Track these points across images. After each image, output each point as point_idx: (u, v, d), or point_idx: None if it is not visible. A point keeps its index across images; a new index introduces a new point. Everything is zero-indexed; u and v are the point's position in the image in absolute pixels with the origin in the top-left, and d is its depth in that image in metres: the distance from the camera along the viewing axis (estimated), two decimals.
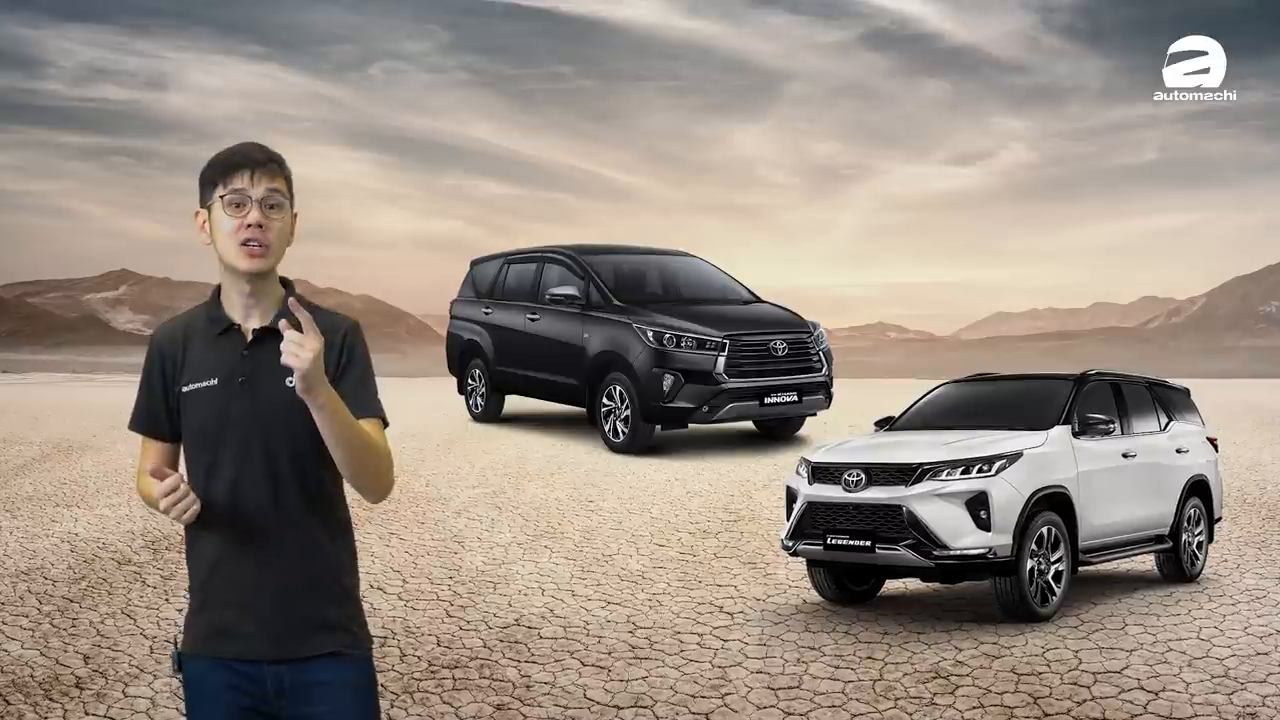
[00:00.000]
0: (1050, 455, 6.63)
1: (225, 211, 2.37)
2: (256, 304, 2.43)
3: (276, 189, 2.38)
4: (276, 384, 2.37)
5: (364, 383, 2.42)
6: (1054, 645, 5.82)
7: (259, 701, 2.40)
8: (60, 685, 5.22)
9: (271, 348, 2.36)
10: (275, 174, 2.39)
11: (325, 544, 2.43)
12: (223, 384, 2.39)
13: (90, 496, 9.65)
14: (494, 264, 14.07)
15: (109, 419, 15.15)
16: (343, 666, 2.42)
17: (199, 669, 2.41)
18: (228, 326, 2.43)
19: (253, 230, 2.36)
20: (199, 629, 2.42)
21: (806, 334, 12.01)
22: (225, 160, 2.39)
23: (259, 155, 2.39)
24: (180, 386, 2.42)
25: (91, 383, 30.17)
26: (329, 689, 2.40)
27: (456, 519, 8.81)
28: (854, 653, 5.76)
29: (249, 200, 2.36)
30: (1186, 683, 5.21)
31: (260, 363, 2.39)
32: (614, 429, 11.80)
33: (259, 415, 2.37)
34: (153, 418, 2.46)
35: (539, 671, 5.46)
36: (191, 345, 2.44)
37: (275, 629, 2.38)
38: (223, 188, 2.37)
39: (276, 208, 2.39)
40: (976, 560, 6.23)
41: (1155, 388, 8.06)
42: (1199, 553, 7.67)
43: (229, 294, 2.44)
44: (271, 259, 2.39)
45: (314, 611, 2.41)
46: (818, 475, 6.67)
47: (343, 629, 2.44)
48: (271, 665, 2.39)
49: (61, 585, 6.90)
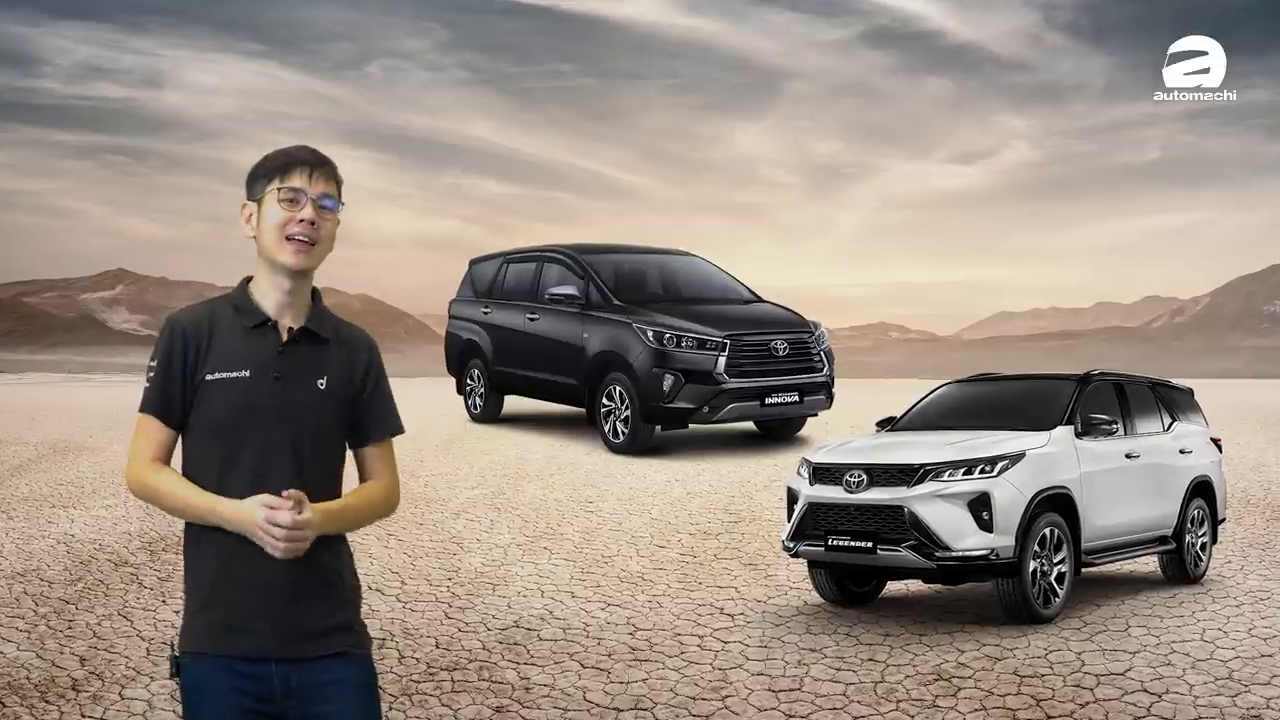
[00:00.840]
0: (1053, 456, 6.63)
1: (279, 206, 2.43)
2: (292, 303, 2.48)
3: (330, 192, 2.47)
4: (308, 384, 2.45)
5: (388, 401, 2.58)
6: (1057, 647, 5.82)
7: (264, 702, 2.39)
8: (56, 688, 5.22)
9: (306, 347, 2.47)
10: (330, 178, 2.48)
11: (335, 541, 2.48)
12: (255, 377, 2.41)
13: (87, 497, 9.65)
14: (493, 263, 14.07)
15: (106, 419, 15.16)
16: (350, 665, 2.46)
17: (199, 672, 2.39)
18: (263, 321, 2.46)
19: (304, 226, 2.43)
20: (202, 627, 2.40)
21: (808, 334, 12.01)
22: (285, 156, 2.46)
23: (318, 158, 2.48)
24: (204, 374, 2.42)
25: (88, 383, 30.18)
26: (340, 688, 2.43)
27: (455, 520, 8.81)
28: (855, 655, 5.76)
29: (305, 198, 2.43)
30: (1190, 685, 5.21)
31: (296, 361, 2.45)
32: (614, 429, 11.80)
33: (289, 411, 2.42)
34: (168, 401, 2.43)
35: (538, 674, 5.46)
36: (218, 335, 2.45)
37: (287, 627, 2.40)
38: (279, 182, 2.43)
39: (329, 210, 2.46)
40: (979, 561, 6.23)
41: (1159, 388, 8.06)
42: (1202, 554, 7.67)
43: (264, 289, 2.48)
44: (316, 258, 2.46)
45: (327, 610, 2.44)
46: (819, 476, 6.67)
47: (349, 629, 2.48)
48: (279, 664, 2.39)
49: (58, 587, 6.90)
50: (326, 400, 2.45)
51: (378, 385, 2.55)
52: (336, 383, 2.48)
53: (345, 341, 2.52)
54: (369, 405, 2.54)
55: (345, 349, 2.51)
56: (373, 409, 2.54)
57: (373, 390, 2.54)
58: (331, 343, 2.50)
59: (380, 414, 2.55)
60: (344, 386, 2.49)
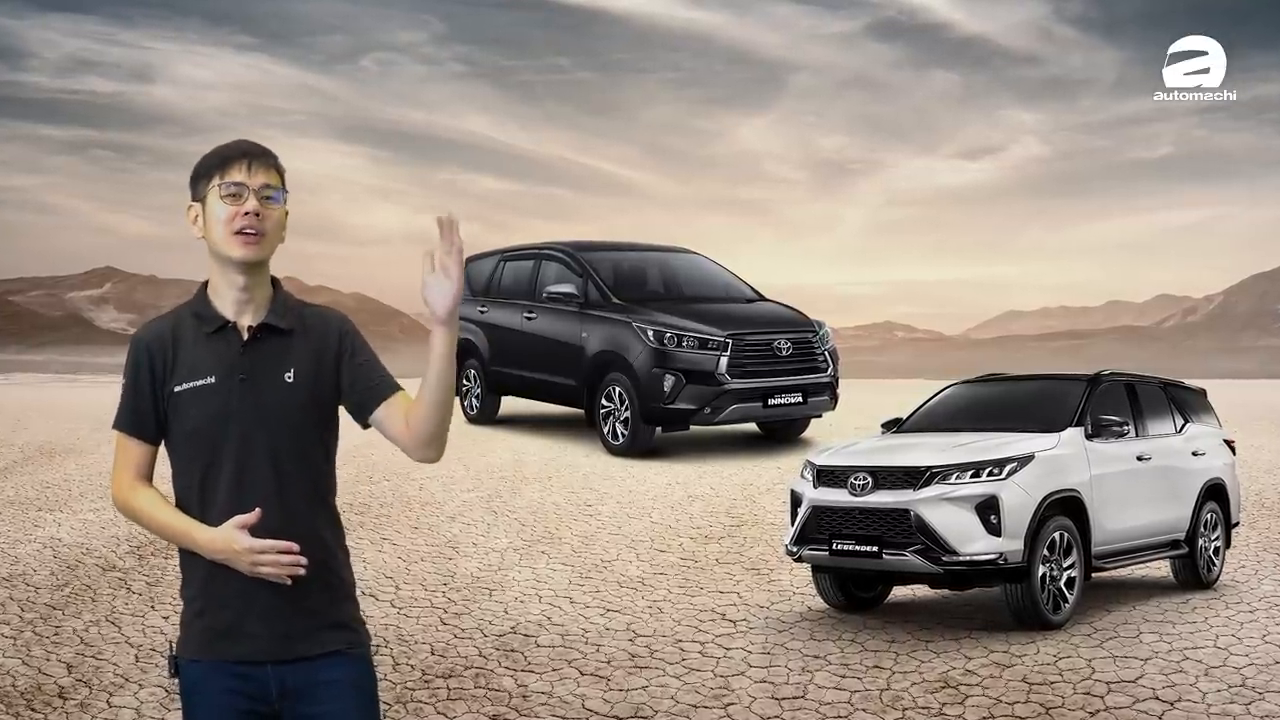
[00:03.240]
0: (1062, 458, 6.63)
1: (222, 202, 2.44)
2: (250, 298, 2.49)
3: (272, 183, 2.48)
4: (276, 380, 2.45)
5: (376, 364, 2.54)
6: (1066, 654, 5.82)
7: (260, 703, 2.43)
8: (43, 695, 5.22)
9: (269, 344, 2.47)
10: (271, 168, 2.49)
11: (328, 539, 2.50)
12: (221, 381, 2.44)
13: (74, 500, 9.65)
14: (490, 261, 14.06)
15: (93, 421, 15.16)
16: (346, 664, 2.47)
17: (197, 673, 2.44)
18: (222, 325, 2.48)
19: (249, 219, 2.44)
20: (197, 634, 2.45)
21: (812, 333, 12.01)
22: (222, 153, 2.48)
23: (255, 149, 2.49)
24: (172, 386, 2.46)
25: (75, 383, 30.19)
26: (335, 688, 2.45)
27: (451, 524, 8.81)
28: (860, 661, 5.76)
29: (246, 190, 2.45)
30: (1203, 692, 5.21)
31: (259, 359, 2.46)
32: (613, 431, 11.80)
33: (260, 411, 2.43)
34: (139, 417, 2.48)
35: (536, 681, 5.46)
36: (182, 344, 2.48)
37: (280, 628, 2.42)
38: (219, 179, 2.45)
39: (272, 200, 2.47)
40: (986, 566, 6.23)
41: (1170, 388, 8.06)
42: (1216, 558, 7.67)
43: (220, 290, 2.50)
44: (266, 249, 2.47)
45: (320, 608, 2.46)
46: (823, 478, 6.67)
47: (345, 626, 2.49)
48: (274, 666, 2.42)
49: (44, 592, 6.90)
50: (296, 393, 2.45)
51: (356, 353, 2.52)
52: (305, 373, 2.48)
53: (312, 328, 2.51)
54: (358, 372, 2.51)
55: (312, 335, 2.51)
56: (363, 374, 2.51)
57: (352, 358, 2.51)
58: (296, 333, 2.50)
59: (374, 376, 2.51)
60: (314, 375, 2.48)
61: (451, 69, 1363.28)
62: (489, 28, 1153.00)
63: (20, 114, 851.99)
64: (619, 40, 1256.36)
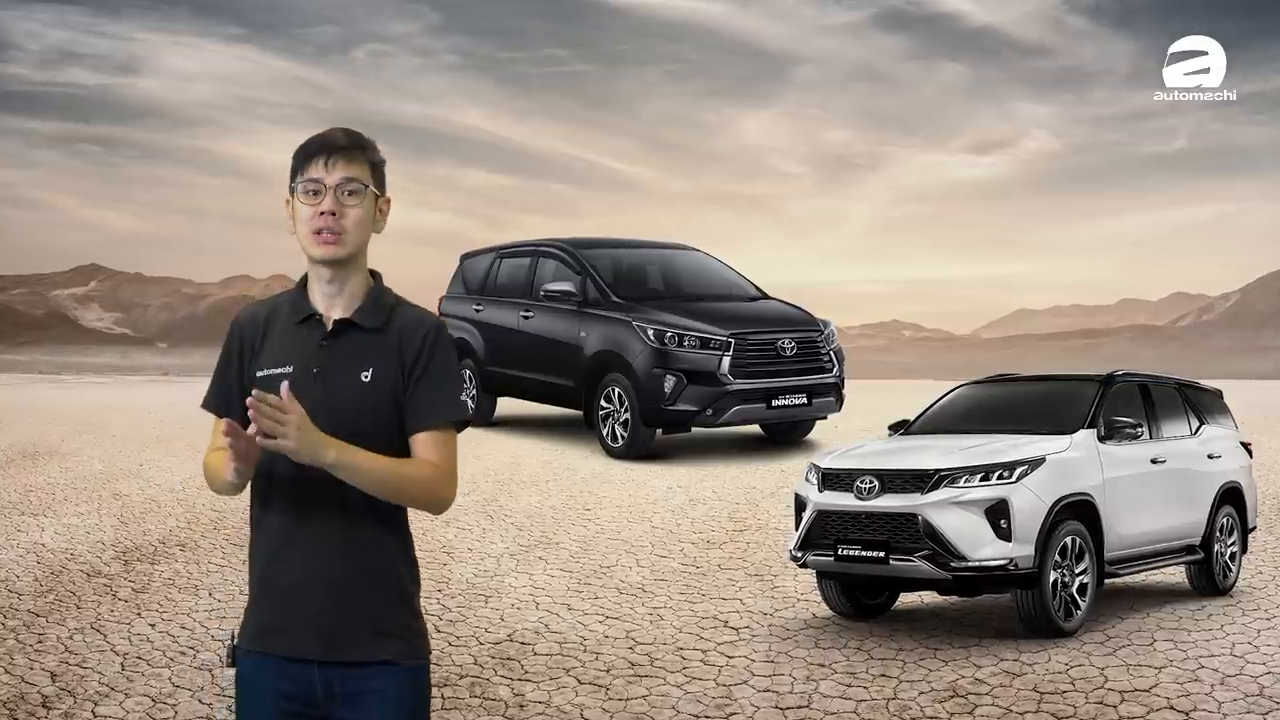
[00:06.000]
0: (1075, 461, 6.63)
1: (302, 200, 2.47)
2: (338, 293, 2.52)
3: (354, 176, 2.48)
4: (351, 376, 2.47)
5: (441, 387, 2.48)
6: (1078, 662, 5.82)
7: (307, 705, 2.45)
8: (26, 705, 5.23)
9: (351, 340, 2.50)
10: (355, 160, 2.49)
11: (388, 542, 2.49)
12: (297, 372, 2.47)
13: (58, 504, 9.66)
14: (485, 258, 14.08)
15: (78, 422, 15.17)
16: (395, 675, 2.46)
17: (249, 666, 2.49)
18: (308, 315, 2.52)
19: (325, 219, 2.46)
20: (252, 625, 2.49)
21: (817, 332, 12.02)
22: (306, 147, 2.50)
23: (340, 141, 2.49)
24: (254, 371, 2.51)
25: (59, 384, 30.19)
26: (379, 698, 2.45)
27: (445, 528, 8.82)
28: (867, 670, 5.76)
29: (324, 188, 2.46)
30: (1219, 702, 5.21)
31: (337, 354, 2.49)
32: (612, 433, 11.81)
33: (329, 404, 2.43)
34: (224, 397, 2.54)
35: (533, 690, 5.47)
36: (272, 331, 2.54)
37: (323, 626, 2.43)
38: (300, 176, 2.48)
39: (355, 194, 2.48)
40: (996, 572, 6.23)
41: (1186, 389, 8.06)
42: (1232, 564, 7.67)
43: (312, 283, 2.54)
44: (345, 247, 2.48)
45: (369, 611, 2.45)
46: (828, 482, 6.68)
47: (398, 636, 2.47)
48: (321, 667, 2.43)
49: (27, 599, 6.90)
50: (370, 392, 2.45)
51: (428, 369, 2.48)
52: (383, 375, 2.47)
53: (400, 329, 2.50)
54: (415, 389, 2.47)
55: (398, 336, 2.50)
56: (419, 392, 2.47)
57: (422, 373, 2.48)
58: (382, 332, 2.50)
59: (428, 398, 2.47)
60: (393, 376, 2.47)
61: (446, 60, 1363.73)
62: (484, 18, 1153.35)
63: (3, 107, 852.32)
64: (619, 31, 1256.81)
